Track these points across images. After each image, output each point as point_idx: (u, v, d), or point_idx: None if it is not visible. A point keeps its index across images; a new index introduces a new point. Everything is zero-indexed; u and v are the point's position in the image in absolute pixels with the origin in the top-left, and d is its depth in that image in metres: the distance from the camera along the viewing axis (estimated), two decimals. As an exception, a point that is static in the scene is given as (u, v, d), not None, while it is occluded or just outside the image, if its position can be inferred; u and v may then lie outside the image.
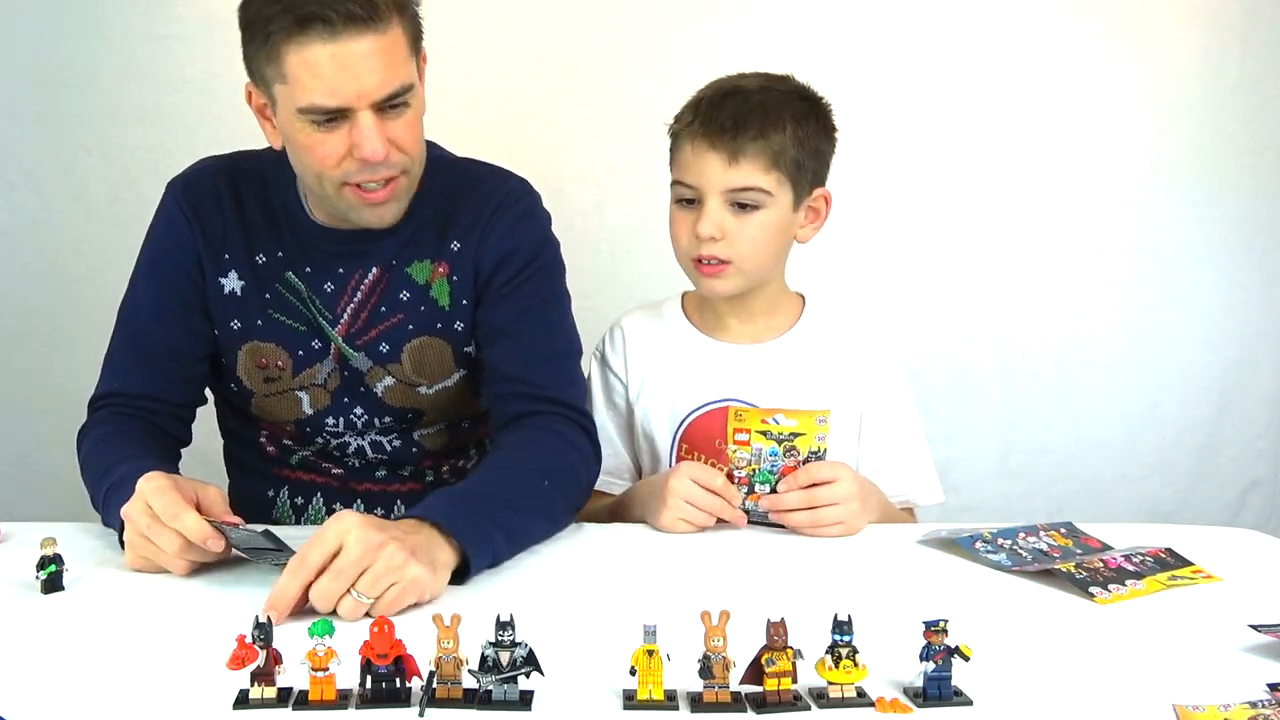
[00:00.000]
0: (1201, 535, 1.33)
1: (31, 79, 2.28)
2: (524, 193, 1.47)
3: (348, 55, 1.21)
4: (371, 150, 1.25)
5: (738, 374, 1.47)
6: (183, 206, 1.42)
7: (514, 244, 1.42)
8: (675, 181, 1.43)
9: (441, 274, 1.42)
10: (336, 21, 1.19)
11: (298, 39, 1.20)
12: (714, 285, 1.43)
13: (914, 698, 0.89)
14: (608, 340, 1.56)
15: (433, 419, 1.50)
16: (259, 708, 0.87)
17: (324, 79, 1.21)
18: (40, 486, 2.33)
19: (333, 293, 1.42)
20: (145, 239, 1.46)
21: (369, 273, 1.42)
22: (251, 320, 1.43)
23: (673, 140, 1.45)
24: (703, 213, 1.39)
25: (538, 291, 1.43)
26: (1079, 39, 2.34)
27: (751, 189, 1.38)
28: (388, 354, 1.43)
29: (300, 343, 1.43)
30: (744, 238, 1.39)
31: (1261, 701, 0.88)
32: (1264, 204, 2.41)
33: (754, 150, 1.37)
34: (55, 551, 1.12)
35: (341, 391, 1.45)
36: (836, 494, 1.30)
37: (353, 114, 1.24)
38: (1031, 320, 2.41)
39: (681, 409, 1.49)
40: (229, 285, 1.42)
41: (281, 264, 1.42)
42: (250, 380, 1.45)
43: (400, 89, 1.26)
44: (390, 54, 1.24)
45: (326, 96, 1.22)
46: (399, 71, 1.25)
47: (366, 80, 1.22)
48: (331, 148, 1.26)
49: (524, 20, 2.28)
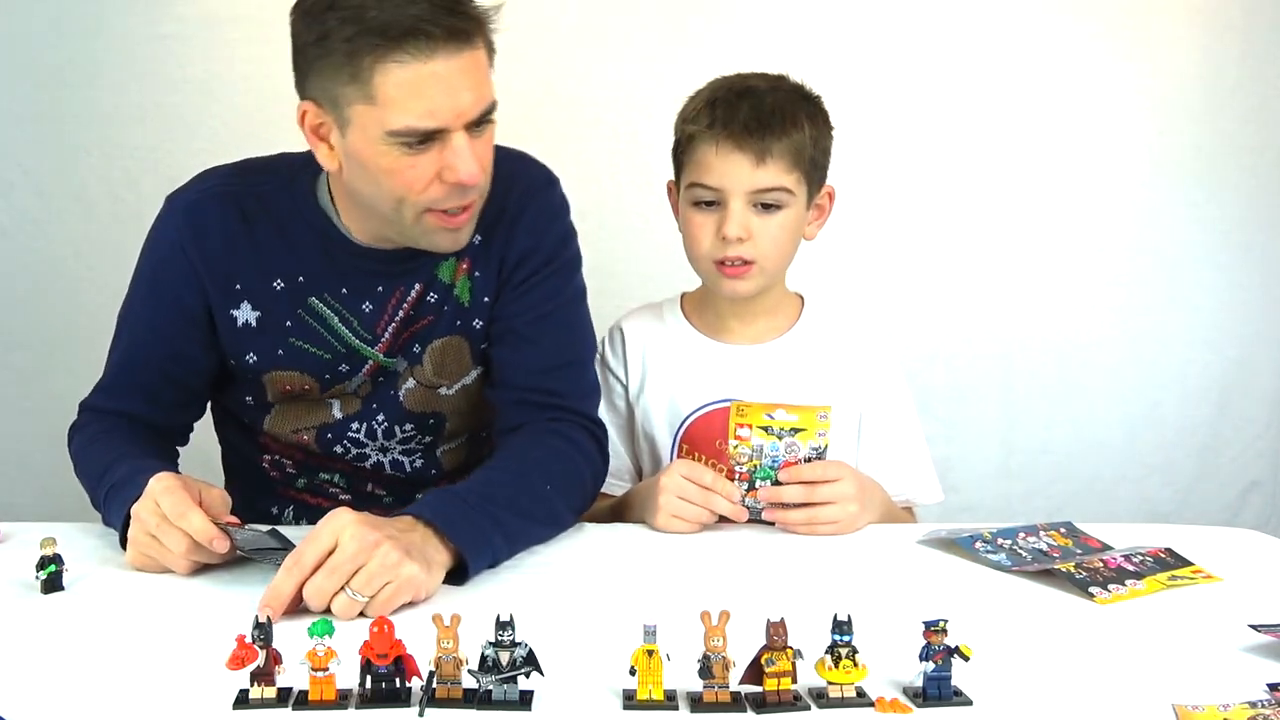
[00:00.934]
0: (1201, 535, 1.33)
1: (31, 79, 2.28)
2: (543, 183, 1.42)
3: (446, 73, 1.14)
4: (468, 173, 1.18)
5: (738, 375, 1.47)
6: (185, 243, 1.33)
7: (537, 239, 1.37)
8: (694, 184, 1.40)
9: (464, 270, 1.37)
10: (438, 36, 1.13)
11: (395, 57, 1.13)
12: (737, 287, 1.42)
13: (914, 698, 0.89)
14: (607, 342, 1.55)
15: (455, 428, 1.46)
16: (259, 708, 0.87)
17: (424, 99, 1.14)
18: (40, 486, 2.33)
19: (371, 313, 1.35)
20: (145, 254, 1.38)
21: (411, 290, 1.35)
22: (271, 352, 1.35)
23: (686, 142, 1.42)
24: (727, 214, 1.37)
25: (562, 290, 1.40)
26: (1079, 39, 2.34)
27: (776, 189, 1.38)
28: (416, 355, 1.39)
29: (326, 368, 1.37)
30: (767, 238, 1.39)
31: (1261, 701, 0.88)
32: (1264, 204, 2.41)
33: (779, 150, 1.36)
34: (55, 551, 1.12)
35: (372, 398, 1.41)
36: (836, 493, 1.30)
37: (445, 135, 1.18)
38: (1031, 320, 2.41)
39: (682, 410, 1.49)
40: (242, 317, 1.34)
41: (304, 289, 1.34)
42: (272, 396, 1.40)
43: (490, 106, 1.21)
44: (481, 70, 1.19)
45: (424, 118, 1.16)
46: (487, 88, 1.20)
47: (464, 99, 1.17)
48: (422, 171, 1.19)
49: (524, 20, 2.27)
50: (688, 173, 1.42)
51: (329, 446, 1.44)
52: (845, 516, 1.30)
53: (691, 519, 1.31)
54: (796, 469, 1.30)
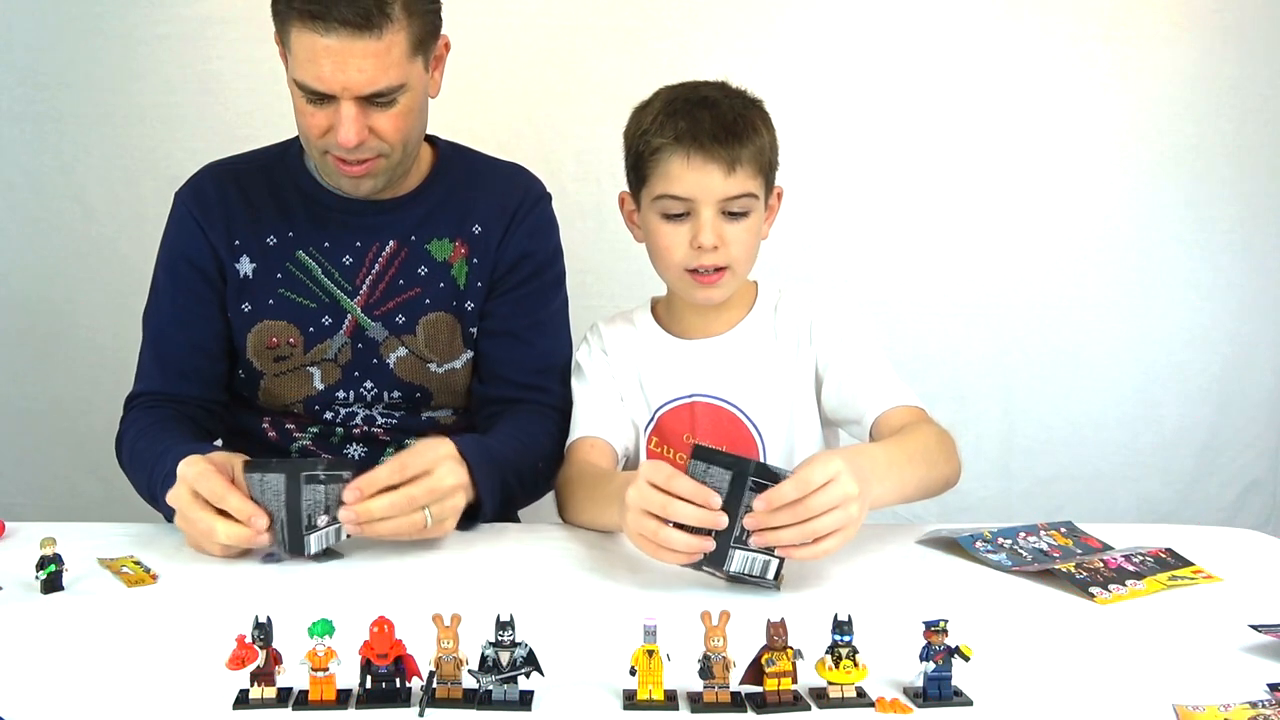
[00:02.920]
0: (1201, 535, 1.33)
1: (31, 79, 2.28)
2: (544, 195, 1.57)
3: (340, 52, 1.28)
4: (345, 138, 1.33)
5: (699, 368, 1.49)
6: (191, 208, 1.49)
7: (535, 246, 1.53)
8: (663, 195, 1.39)
9: (462, 254, 1.50)
10: (336, 18, 1.27)
11: (300, 21, 1.29)
12: (711, 294, 1.44)
13: (914, 698, 0.89)
14: (588, 338, 1.56)
15: (440, 403, 1.54)
16: (259, 708, 0.87)
17: (315, 65, 1.30)
18: (40, 486, 2.33)
19: (351, 265, 1.48)
20: (160, 249, 1.52)
21: (386, 245, 1.49)
22: (262, 301, 1.48)
23: (650, 154, 1.40)
24: (699, 224, 1.38)
25: (552, 300, 1.56)
26: (1079, 39, 2.34)
27: (745, 195, 1.39)
28: (403, 325, 1.50)
29: (311, 319, 1.48)
30: (738, 243, 1.41)
31: (1261, 701, 0.88)
32: (1262, 204, 2.41)
33: (746, 158, 1.38)
34: (55, 551, 1.12)
35: (353, 365, 1.50)
36: (833, 497, 1.07)
37: (337, 100, 1.32)
38: (1031, 320, 2.41)
39: (650, 406, 1.51)
40: (243, 269, 1.48)
41: (292, 243, 1.48)
42: (260, 362, 1.49)
43: (388, 89, 1.33)
44: (383, 58, 1.30)
45: (314, 81, 1.31)
46: (390, 73, 1.32)
47: (354, 78, 1.30)
48: (317, 121, 1.35)
49: (524, 20, 2.28)
50: (654, 184, 1.40)
51: (318, 416, 1.53)
52: (848, 521, 1.08)
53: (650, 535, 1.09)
54: (774, 492, 1.06)
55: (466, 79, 2.20)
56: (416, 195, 1.51)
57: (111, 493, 1.46)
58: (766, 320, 1.51)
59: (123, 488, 1.40)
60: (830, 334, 1.48)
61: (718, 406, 1.48)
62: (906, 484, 1.25)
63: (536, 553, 1.27)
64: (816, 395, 1.48)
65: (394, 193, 1.49)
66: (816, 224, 2.28)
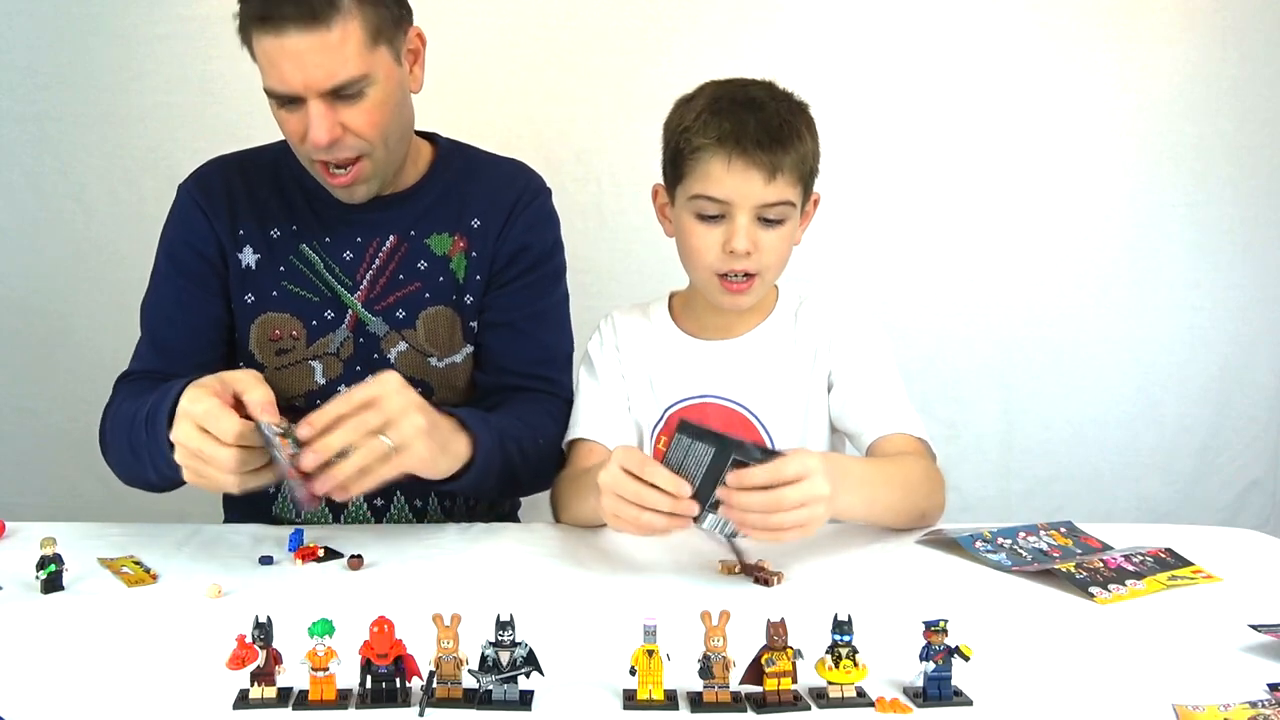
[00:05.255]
0: (1201, 535, 1.33)
1: (31, 79, 2.28)
2: (543, 189, 1.58)
3: (294, 49, 1.29)
4: (315, 137, 1.33)
5: (712, 369, 1.48)
6: (195, 197, 1.50)
7: (533, 239, 1.53)
8: (699, 195, 1.36)
9: (461, 248, 1.51)
10: (286, 17, 1.28)
11: (257, 30, 1.31)
12: (739, 301, 1.41)
13: (914, 698, 0.89)
14: (601, 328, 1.55)
15: (441, 398, 1.53)
16: (259, 708, 0.87)
17: (276, 68, 1.31)
18: (40, 486, 2.33)
19: (352, 260, 1.49)
20: (161, 239, 1.52)
21: (386, 240, 1.50)
22: (266, 292, 1.49)
23: (690, 152, 1.37)
24: (734, 228, 1.35)
25: (553, 291, 1.57)
26: (1078, 39, 2.34)
27: (782, 203, 1.36)
28: (404, 320, 1.50)
29: (314, 312, 1.49)
30: (771, 250, 1.38)
31: (1261, 701, 0.88)
32: (1262, 203, 2.41)
33: (788, 165, 1.35)
34: (55, 551, 1.12)
35: (354, 360, 1.50)
36: (802, 494, 1.10)
37: (305, 101, 1.33)
38: (1031, 320, 2.41)
39: (660, 404, 1.49)
40: (245, 260, 1.49)
41: (295, 237, 1.49)
42: (262, 354, 1.49)
43: (349, 81, 1.32)
44: (337, 50, 1.30)
45: (277, 83, 1.32)
46: (348, 65, 1.32)
47: (312, 73, 1.31)
48: (293, 126, 1.36)
49: (525, 20, 2.28)
50: (691, 183, 1.37)
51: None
52: (812, 519, 1.11)
53: (627, 518, 1.14)
54: (746, 473, 1.10)
55: (467, 79, 2.21)
56: (416, 191, 1.52)
57: (111, 493, 1.45)
58: (786, 326, 1.49)
59: (123, 487, 1.40)
60: (848, 346, 1.47)
61: (730, 409, 1.46)
62: (875, 503, 1.29)
63: (536, 553, 1.27)
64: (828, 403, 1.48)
65: (393, 189, 1.50)
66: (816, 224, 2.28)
